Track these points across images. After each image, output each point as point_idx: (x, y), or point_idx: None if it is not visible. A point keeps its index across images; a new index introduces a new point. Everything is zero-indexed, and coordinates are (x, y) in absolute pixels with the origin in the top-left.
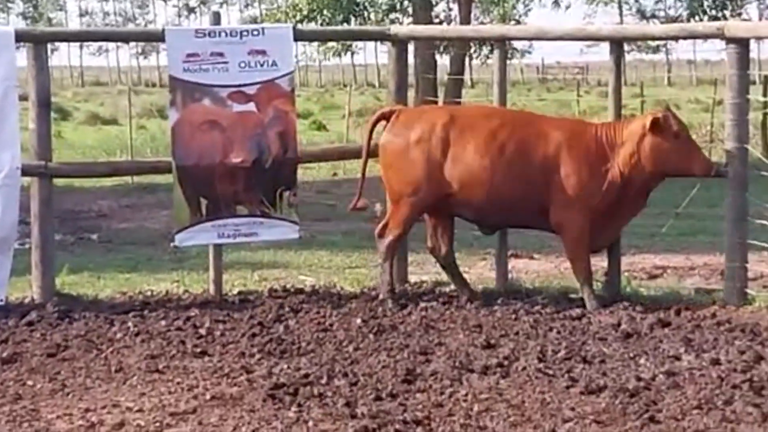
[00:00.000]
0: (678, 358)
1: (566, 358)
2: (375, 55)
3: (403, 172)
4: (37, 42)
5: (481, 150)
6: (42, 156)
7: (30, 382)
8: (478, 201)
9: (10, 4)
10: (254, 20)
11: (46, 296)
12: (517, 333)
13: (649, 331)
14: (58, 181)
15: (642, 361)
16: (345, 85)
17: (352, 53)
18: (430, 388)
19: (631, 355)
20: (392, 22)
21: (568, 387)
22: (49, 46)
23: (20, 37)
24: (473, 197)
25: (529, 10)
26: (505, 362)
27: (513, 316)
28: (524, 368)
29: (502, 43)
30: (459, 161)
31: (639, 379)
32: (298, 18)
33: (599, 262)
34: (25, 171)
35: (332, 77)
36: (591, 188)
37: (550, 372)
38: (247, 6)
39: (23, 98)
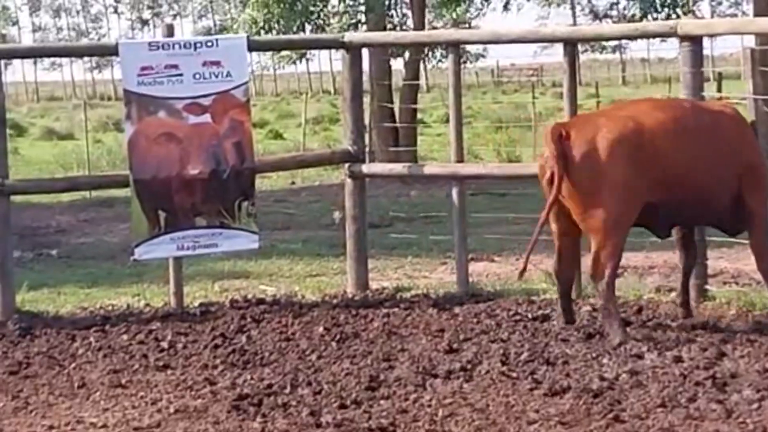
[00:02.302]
0: (641, 357)
1: (529, 360)
2: (330, 62)
3: (617, 190)
4: None
5: (682, 145)
6: None
7: None
8: (682, 200)
9: None
10: (208, 31)
11: (7, 314)
12: (479, 336)
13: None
14: (16, 198)
15: (605, 360)
16: (301, 93)
17: (307, 60)
18: (395, 395)
19: (594, 355)
20: (346, 28)
21: (531, 389)
22: (3, 62)
23: None
24: (680, 197)
25: (483, 14)
26: (469, 366)
27: (475, 320)
28: (488, 371)
29: (456, 48)
30: (668, 162)
31: (602, 379)
32: (254, 30)
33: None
34: None
35: (288, 85)
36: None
37: (514, 375)
38: (200, 17)
39: None
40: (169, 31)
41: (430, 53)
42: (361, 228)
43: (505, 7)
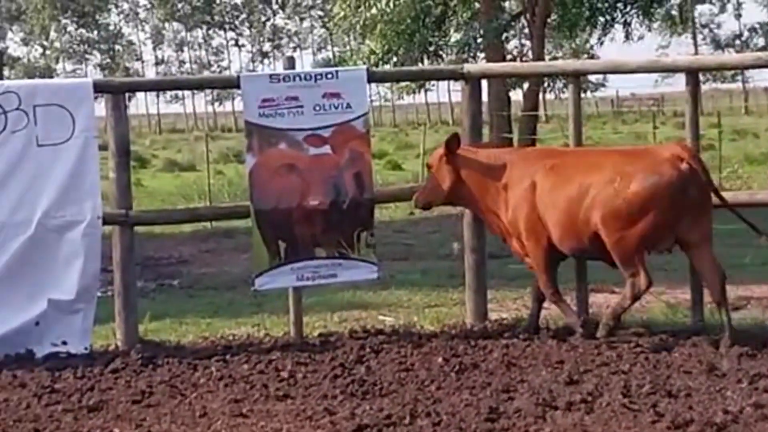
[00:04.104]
0: (766, 390)
1: (651, 392)
2: (448, 93)
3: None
4: (116, 92)
5: None
6: (122, 204)
7: (116, 430)
8: None
9: (87, 56)
10: (327, 63)
11: (130, 343)
12: (599, 368)
13: (736, 363)
14: (139, 228)
15: (728, 393)
16: (419, 125)
17: (426, 91)
18: (514, 426)
19: (717, 387)
20: (465, 60)
21: (653, 422)
22: (127, 95)
23: (99, 88)
24: None
25: (601, 43)
26: (589, 398)
27: (595, 351)
28: (608, 404)
29: (576, 78)
30: None
31: (726, 412)
32: (373, 61)
33: (681, 294)
34: (107, 220)
35: (406, 116)
36: None
37: (635, 407)
38: (320, 49)
39: (102, 148)
40: (290, 63)
41: (549, 84)
42: (480, 259)
43: (627, 37)
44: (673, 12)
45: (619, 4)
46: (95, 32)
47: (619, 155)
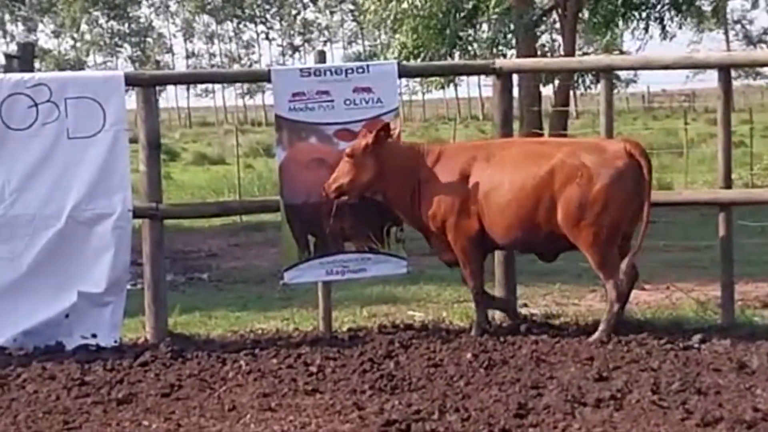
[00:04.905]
0: None
1: (680, 389)
2: (478, 88)
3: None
4: (146, 85)
5: None
6: (152, 198)
7: (145, 422)
8: None
9: (118, 48)
10: (357, 57)
11: (159, 336)
12: (629, 365)
13: (765, 360)
14: (168, 222)
15: (758, 391)
16: (449, 119)
17: (455, 86)
18: (543, 422)
19: (747, 385)
20: (496, 55)
21: (683, 419)
22: (157, 88)
23: (129, 81)
24: None
25: (641, 41)
26: (619, 395)
27: (625, 348)
28: (638, 401)
29: (608, 74)
30: None
31: (756, 410)
32: (404, 55)
33: (712, 292)
34: (137, 213)
35: (436, 111)
36: None
37: (665, 404)
38: (350, 43)
39: (132, 141)
40: (321, 57)
41: (580, 79)
42: (509, 254)
43: (664, 36)
44: (705, 8)
45: (653, 0)
46: (126, 25)
47: (570, 146)
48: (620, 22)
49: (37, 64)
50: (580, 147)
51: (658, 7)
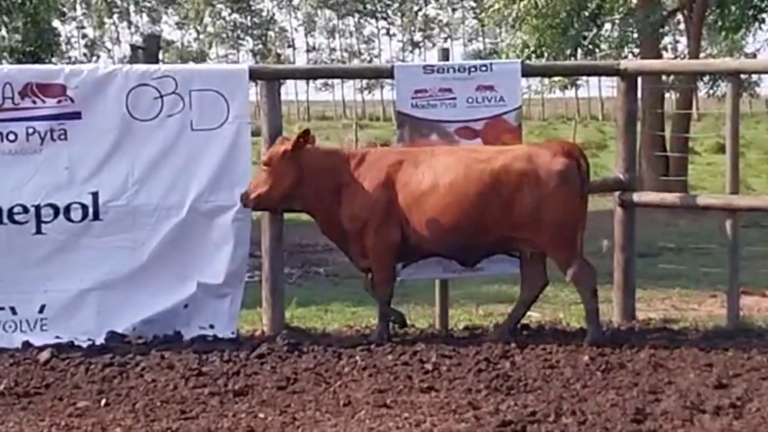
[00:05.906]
0: None
1: None
2: (598, 88)
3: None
4: (270, 79)
5: None
6: None
7: (261, 415)
8: None
9: (240, 41)
10: (478, 54)
11: (276, 329)
12: (749, 373)
13: None
14: (286, 215)
15: None
16: (568, 119)
17: (577, 86)
18: (661, 429)
19: None
20: (619, 55)
21: None
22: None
23: (253, 74)
24: None
25: (762, 43)
26: (738, 403)
27: (745, 356)
28: (758, 409)
29: (735, 77)
30: None
31: None
32: (525, 54)
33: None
34: None
35: (555, 110)
36: None
37: None
38: (470, 40)
39: (254, 134)
40: (444, 54)
41: (702, 82)
42: (629, 257)
43: None
44: None
45: None
46: (248, 18)
47: (507, 152)
48: (752, 25)
49: (160, 56)
50: (521, 152)
51: None
